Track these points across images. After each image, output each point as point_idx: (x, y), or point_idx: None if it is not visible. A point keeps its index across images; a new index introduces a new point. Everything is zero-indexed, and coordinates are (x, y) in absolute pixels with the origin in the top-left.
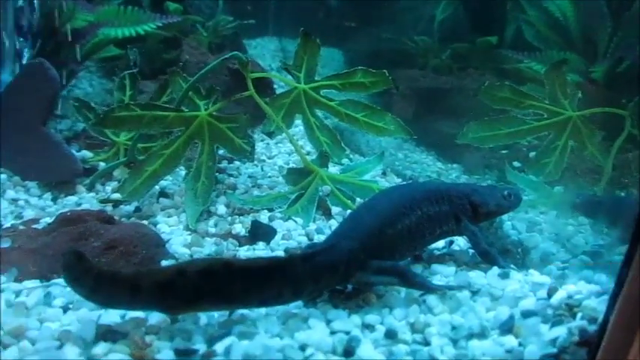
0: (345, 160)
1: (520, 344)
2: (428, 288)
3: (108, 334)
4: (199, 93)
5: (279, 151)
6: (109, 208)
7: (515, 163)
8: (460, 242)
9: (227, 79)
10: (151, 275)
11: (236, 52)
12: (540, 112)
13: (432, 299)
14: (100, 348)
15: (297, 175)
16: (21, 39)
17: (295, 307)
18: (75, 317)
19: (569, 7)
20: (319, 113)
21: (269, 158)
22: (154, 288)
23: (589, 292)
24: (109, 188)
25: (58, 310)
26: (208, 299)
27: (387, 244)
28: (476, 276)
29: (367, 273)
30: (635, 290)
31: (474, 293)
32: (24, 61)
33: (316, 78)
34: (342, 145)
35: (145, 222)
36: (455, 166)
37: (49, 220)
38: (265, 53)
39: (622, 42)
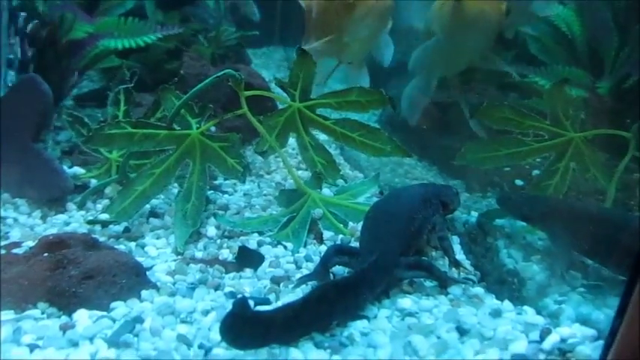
0: (339, 181)
1: None
2: (449, 280)
3: None
4: (192, 110)
5: (278, 165)
6: (97, 227)
7: (518, 181)
8: (454, 274)
9: (229, 91)
10: (283, 310)
11: (229, 70)
12: (541, 133)
13: (419, 340)
14: None
15: (289, 197)
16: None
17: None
18: (41, 357)
19: (576, 21)
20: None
21: (267, 173)
22: (284, 322)
23: (583, 336)
24: (100, 206)
25: (25, 348)
26: (321, 320)
27: (407, 244)
28: (466, 313)
29: (400, 269)
30: (627, 344)
31: (463, 334)
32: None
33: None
34: (337, 165)
35: (133, 243)
36: (456, 182)
37: (31, 243)
38: (270, 63)
39: (629, 58)
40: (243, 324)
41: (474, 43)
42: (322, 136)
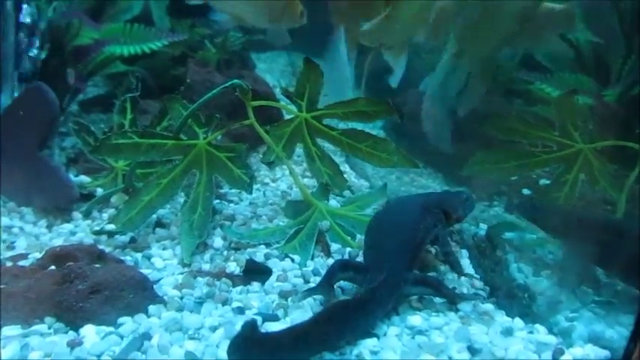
0: (346, 192)
1: None
2: (457, 297)
3: None
4: (199, 120)
5: (284, 173)
6: (103, 237)
7: (525, 191)
8: (463, 289)
9: (233, 98)
10: (292, 331)
11: (236, 80)
12: (549, 144)
13: None
14: None
15: (296, 208)
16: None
17: None
18: None
19: (582, 27)
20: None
21: (273, 181)
22: (294, 343)
23: (597, 357)
24: (105, 215)
25: None
26: (331, 340)
27: (412, 258)
28: (478, 332)
29: (408, 285)
30: None
31: (474, 353)
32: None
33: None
34: (344, 176)
35: (139, 254)
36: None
37: (38, 254)
38: (274, 67)
39: (635, 65)
40: (252, 346)
41: (510, 20)
42: (327, 145)
